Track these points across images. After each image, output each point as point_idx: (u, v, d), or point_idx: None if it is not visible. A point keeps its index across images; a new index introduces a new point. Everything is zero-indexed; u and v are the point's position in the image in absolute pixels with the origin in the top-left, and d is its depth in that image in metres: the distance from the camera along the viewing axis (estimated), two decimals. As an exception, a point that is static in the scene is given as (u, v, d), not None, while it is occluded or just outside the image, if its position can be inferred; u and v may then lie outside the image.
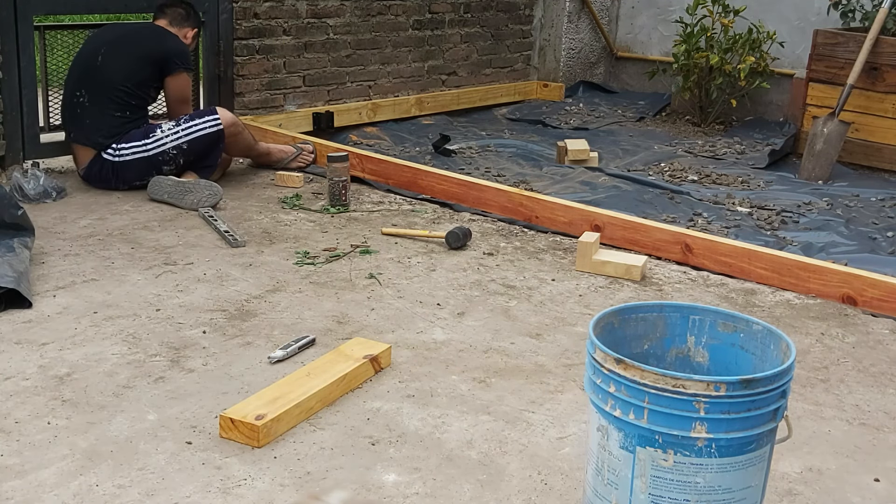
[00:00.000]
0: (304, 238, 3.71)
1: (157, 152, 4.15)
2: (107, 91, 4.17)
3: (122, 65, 4.19)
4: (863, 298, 3.22)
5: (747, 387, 1.65)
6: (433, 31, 6.06)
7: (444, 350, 2.77)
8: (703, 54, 5.84)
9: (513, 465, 2.19)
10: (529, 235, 3.89)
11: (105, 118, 4.17)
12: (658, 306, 1.97)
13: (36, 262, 3.26)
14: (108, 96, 4.17)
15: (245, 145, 4.47)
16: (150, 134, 4.18)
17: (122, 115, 4.18)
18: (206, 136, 4.20)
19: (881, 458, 2.30)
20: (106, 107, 4.17)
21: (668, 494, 1.71)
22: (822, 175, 4.95)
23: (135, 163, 4.15)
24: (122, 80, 4.17)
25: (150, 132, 4.18)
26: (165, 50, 4.24)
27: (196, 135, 4.18)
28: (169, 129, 4.18)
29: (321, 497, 2.02)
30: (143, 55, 4.22)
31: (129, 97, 4.20)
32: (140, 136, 4.18)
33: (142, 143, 4.16)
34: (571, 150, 5.02)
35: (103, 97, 4.17)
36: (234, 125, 4.29)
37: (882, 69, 5.05)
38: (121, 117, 4.18)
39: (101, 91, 4.18)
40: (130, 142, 4.16)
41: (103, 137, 4.17)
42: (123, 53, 4.21)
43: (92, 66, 4.21)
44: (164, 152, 4.15)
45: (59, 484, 2.03)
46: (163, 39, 4.28)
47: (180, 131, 4.17)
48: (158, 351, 2.68)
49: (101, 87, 4.18)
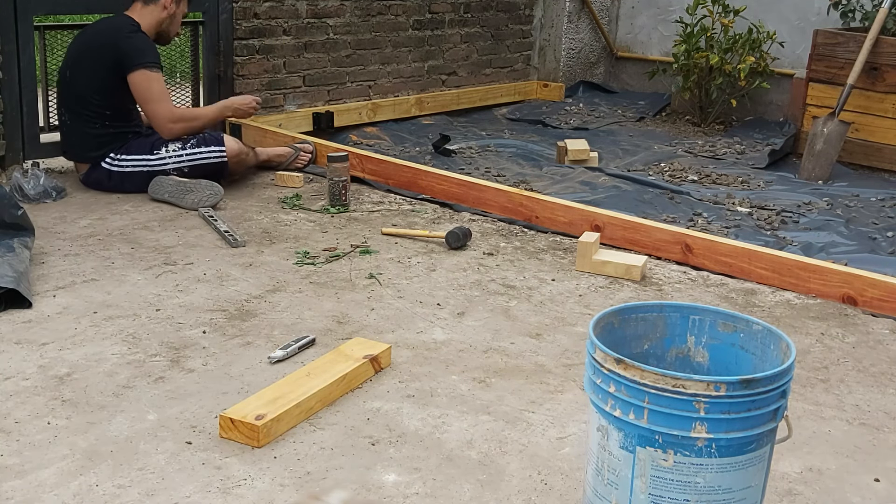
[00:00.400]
0: (304, 238, 3.71)
1: (157, 170, 4.10)
2: (82, 106, 4.09)
3: (87, 76, 4.07)
4: (863, 298, 3.22)
5: (747, 387, 1.65)
6: (433, 31, 6.06)
7: (444, 350, 2.77)
8: (703, 54, 5.84)
9: (513, 465, 2.19)
10: (529, 235, 3.89)
11: (87, 134, 4.11)
12: (658, 306, 1.97)
13: (36, 262, 3.26)
14: (84, 112, 4.09)
15: (246, 166, 4.42)
16: (155, 150, 4.11)
17: (101, 126, 4.10)
18: (210, 165, 4.13)
19: (881, 458, 2.30)
20: (85, 123, 4.10)
21: (668, 494, 1.71)
22: (822, 175, 4.95)
23: (135, 175, 4.11)
24: (90, 92, 4.07)
25: (156, 148, 4.11)
26: (119, 49, 4.03)
27: (199, 162, 4.12)
28: (174, 149, 4.11)
29: (321, 497, 2.02)
30: (100, 60, 4.05)
31: (103, 108, 4.09)
32: (144, 150, 4.11)
33: (143, 157, 4.11)
34: (571, 150, 5.02)
35: (80, 113, 4.10)
36: (238, 155, 4.22)
37: (882, 69, 5.05)
38: (101, 129, 4.10)
39: (77, 107, 4.11)
40: (132, 154, 4.11)
41: (92, 150, 4.13)
42: (86, 64, 4.08)
43: (64, 83, 4.15)
44: (165, 171, 4.11)
45: (59, 484, 2.03)
46: (117, 38, 4.06)
47: (184, 155, 4.10)
48: (158, 351, 2.68)
49: (75, 103, 4.11)
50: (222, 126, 4.99)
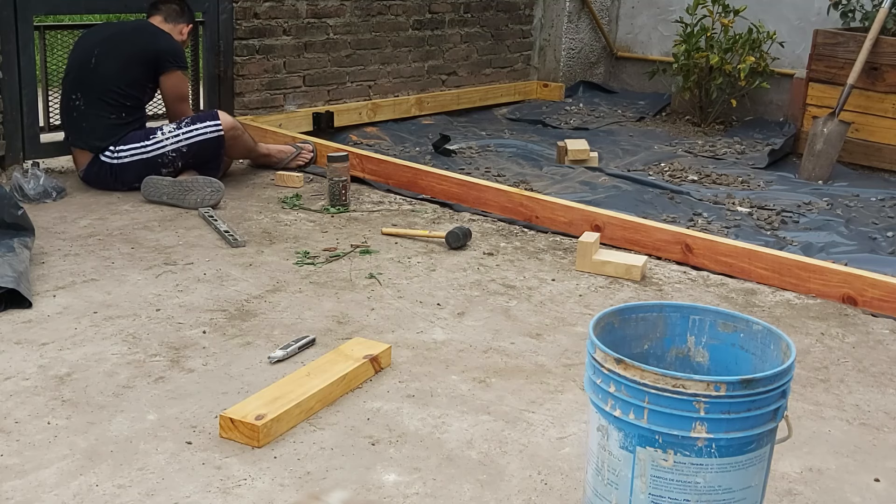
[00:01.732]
0: (304, 238, 3.71)
1: (155, 154, 4.14)
2: (101, 93, 4.16)
3: (115, 65, 4.17)
4: (863, 298, 3.22)
5: (747, 387, 1.65)
6: (433, 31, 6.06)
7: (444, 350, 2.77)
8: (703, 54, 5.84)
9: (513, 465, 2.19)
10: (529, 235, 3.89)
11: (101, 120, 4.16)
12: (658, 306, 1.97)
13: (36, 262, 3.26)
14: (103, 98, 4.16)
15: (245, 148, 4.47)
16: (151, 136, 4.18)
17: (117, 116, 4.18)
18: (207, 141, 4.19)
19: (881, 458, 2.30)
20: (101, 109, 4.16)
21: (668, 494, 1.71)
22: (822, 175, 4.95)
23: (133, 164, 4.15)
24: (115, 80, 4.16)
25: (151, 134, 4.19)
26: (157, 48, 4.21)
27: (196, 139, 4.17)
28: (169, 131, 4.18)
29: (321, 497, 2.02)
30: (135, 54, 4.19)
31: (123, 98, 4.19)
32: (139, 138, 4.18)
33: (140, 144, 4.16)
34: (571, 150, 5.02)
35: (98, 99, 4.16)
36: (233, 129, 4.28)
37: (882, 69, 5.05)
38: (116, 119, 4.18)
39: (96, 93, 4.17)
40: (129, 143, 4.16)
41: (99, 140, 4.17)
42: (116, 53, 4.19)
43: (86, 68, 4.19)
44: (163, 154, 4.15)
45: (59, 484, 2.03)
46: (155, 38, 4.25)
47: (181, 134, 4.17)
48: (158, 351, 2.68)
49: (95, 88, 4.17)
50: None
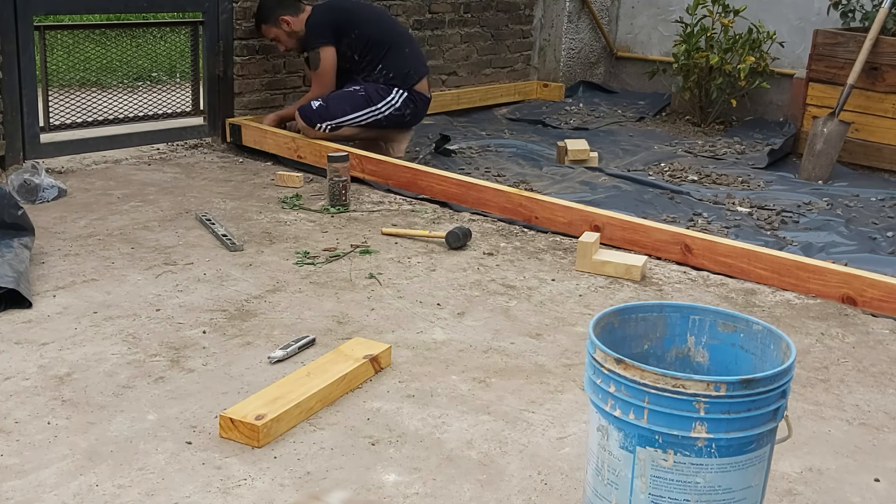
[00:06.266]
0: (304, 238, 3.71)
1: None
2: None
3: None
4: (863, 298, 3.22)
5: (747, 387, 1.65)
6: (433, 31, 6.06)
7: (444, 350, 2.77)
8: (703, 54, 5.84)
9: (513, 465, 2.19)
10: (529, 235, 3.89)
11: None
12: (658, 306, 1.97)
13: (36, 262, 3.26)
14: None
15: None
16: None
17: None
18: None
19: (881, 458, 2.30)
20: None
21: (668, 494, 1.71)
22: (822, 175, 4.95)
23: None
24: None
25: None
26: None
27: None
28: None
29: (321, 497, 2.02)
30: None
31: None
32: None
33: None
34: (571, 150, 5.02)
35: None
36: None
37: (882, 69, 5.05)
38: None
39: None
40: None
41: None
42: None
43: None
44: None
45: (59, 484, 2.03)
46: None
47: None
48: (158, 351, 2.68)
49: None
50: (232, 131, 5.00)
